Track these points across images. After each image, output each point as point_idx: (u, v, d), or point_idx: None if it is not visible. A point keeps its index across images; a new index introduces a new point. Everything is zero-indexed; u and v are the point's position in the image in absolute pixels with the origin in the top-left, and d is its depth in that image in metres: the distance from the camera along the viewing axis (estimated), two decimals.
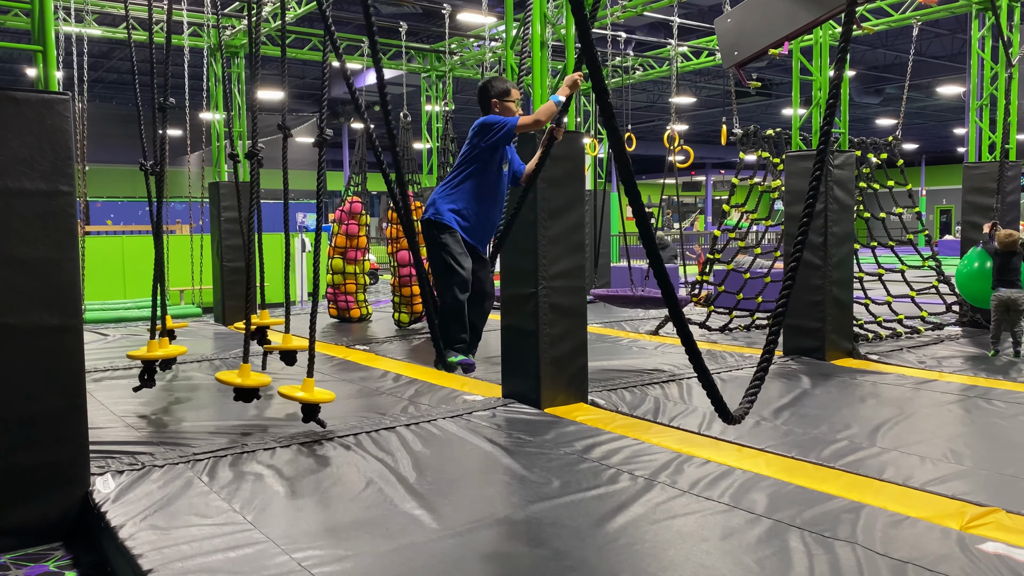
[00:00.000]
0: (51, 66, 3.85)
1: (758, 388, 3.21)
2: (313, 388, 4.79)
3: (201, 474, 4.12)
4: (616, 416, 5.42)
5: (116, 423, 5.19)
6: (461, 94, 19.59)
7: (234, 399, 5.04)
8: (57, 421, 3.75)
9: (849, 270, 7.62)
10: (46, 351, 3.72)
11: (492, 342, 8.21)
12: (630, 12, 10.38)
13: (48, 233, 3.71)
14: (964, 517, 3.52)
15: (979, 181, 8.96)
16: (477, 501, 3.83)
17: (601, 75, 2.13)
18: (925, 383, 6.35)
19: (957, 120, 27.48)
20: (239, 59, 11.22)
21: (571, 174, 5.77)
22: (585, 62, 2.18)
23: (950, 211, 35.01)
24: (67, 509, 3.78)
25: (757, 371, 3.19)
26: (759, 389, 3.20)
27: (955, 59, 18.59)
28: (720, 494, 3.83)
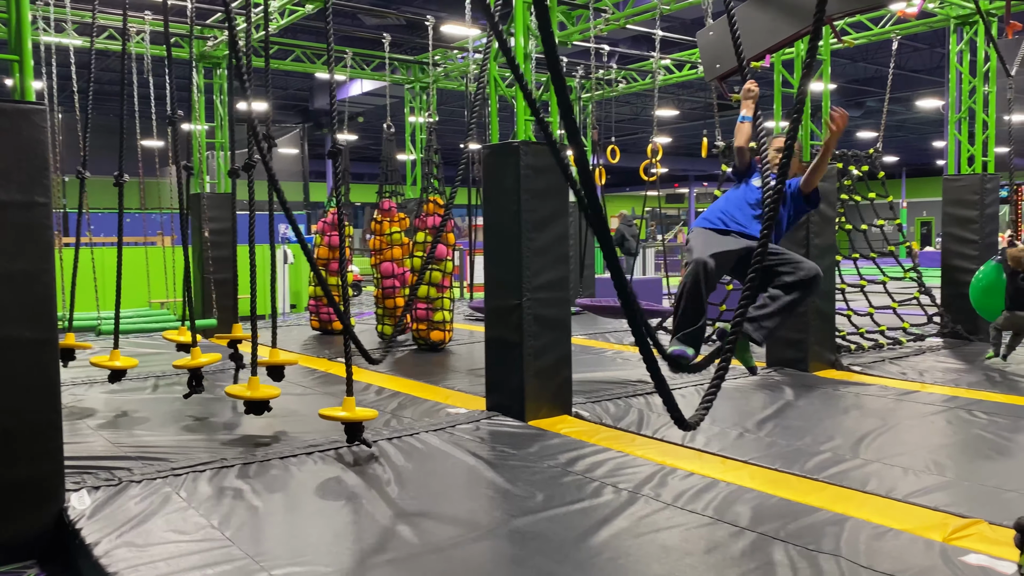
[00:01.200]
0: (27, 76, 3.80)
1: (714, 394, 3.34)
2: (354, 407, 4.68)
3: (179, 489, 4.06)
4: (600, 428, 5.40)
5: (94, 437, 5.12)
6: (445, 105, 19.61)
7: (245, 412, 5.06)
8: (32, 436, 3.68)
9: (831, 282, 7.66)
10: (21, 365, 3.65)
11: (476, 354, 8.18)
12: (613, 25, 10.42)
13: (24, 246, 3.65)
14: (947, 529, 3.52)
15: (959, 193, 9.04)
16: (460, 516, 3.80)
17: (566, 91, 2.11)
18: (908, 394, 6.38)
19: (936, 133, 27.81)
20: (221, 70, 11.17)
21: (555, 186, 5.76)
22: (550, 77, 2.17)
23: (930, 223, 35.35)
24: (42, 526, 3.71)
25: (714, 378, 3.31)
26: (715, 395, 3.34)
27: (934, 72, 18.83)
28: (704, 507, 3.82)
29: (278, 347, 6.15)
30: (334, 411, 4.71)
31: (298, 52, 12.52)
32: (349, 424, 4.64)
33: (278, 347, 6.15)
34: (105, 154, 6.53)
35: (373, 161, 31.59)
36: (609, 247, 2.44)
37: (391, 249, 9.50)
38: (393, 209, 9.68)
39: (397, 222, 9.63)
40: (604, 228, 2.43)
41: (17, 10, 3.81)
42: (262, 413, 5.10)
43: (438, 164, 9.37)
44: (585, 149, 2.25)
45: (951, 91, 9.46)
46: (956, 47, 9.28)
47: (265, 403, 5.07)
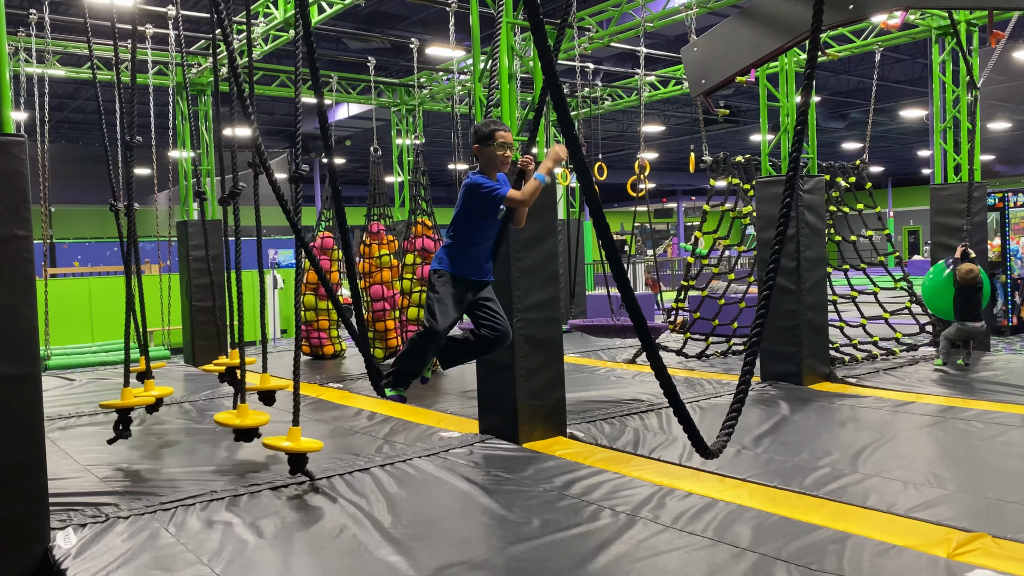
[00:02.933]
0: (6, 108, 3.74)
1: (735, 420, 3.18)
2: (299, 437, 4.56)
3: (168, 524, 3.97)
4: (596, 449, 5.33)
5: (80, 473, 5.02)
6: (432, 127, 19.63)
7: (235, 439, 4.98)
8: (14, 474, 3.59)
9: (823, 294, 7.64)
10: (2, 402, 3.57)
11: (468, 376, 8.11)
12: (597, 43, 10.46)
13: (3, 279, 3.58)
14: (951, 544, 3.46)
15: (946, 202, 9.06)
16: (455, 544, 3.72)
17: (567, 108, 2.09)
18: (903, 405, 6.34)
19: (921, 142, 28.01)
20: (205, 97, 11.13)
21: (543, 205, 5.72)
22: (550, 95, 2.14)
23: (917, 231, 35.54)
24: (25, 567, 3.61)
25: (733, 403, 3.16)
26: (736, 421, 3.18)
27: (916, 83, 18.97)
28: (704, 528, 3.75)
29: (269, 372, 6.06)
30: (278, 441, 4.57)
31: (283, 77, 12.51)
32: (292, 455, 4.51)
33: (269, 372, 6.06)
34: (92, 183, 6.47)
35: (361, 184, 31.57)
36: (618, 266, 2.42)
37: (380, 272, 9.44)
38: (382, 232, 9.64)
39: (386, 244, 9.58)
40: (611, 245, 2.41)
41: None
42: (252, 440, 5.01)
43: (426, 186, 9.34)
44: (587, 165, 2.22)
45: (935, 101, 9.51)
46: (939, 57, 9.34)
47: (255, 431, 4.98)
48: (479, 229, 3.86)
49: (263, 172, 4.64)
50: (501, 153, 3.87)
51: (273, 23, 9.18)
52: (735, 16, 6.23)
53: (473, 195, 3.82)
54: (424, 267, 8.94)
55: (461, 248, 3.86)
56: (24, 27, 8.87)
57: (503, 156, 3.88)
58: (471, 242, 3.86)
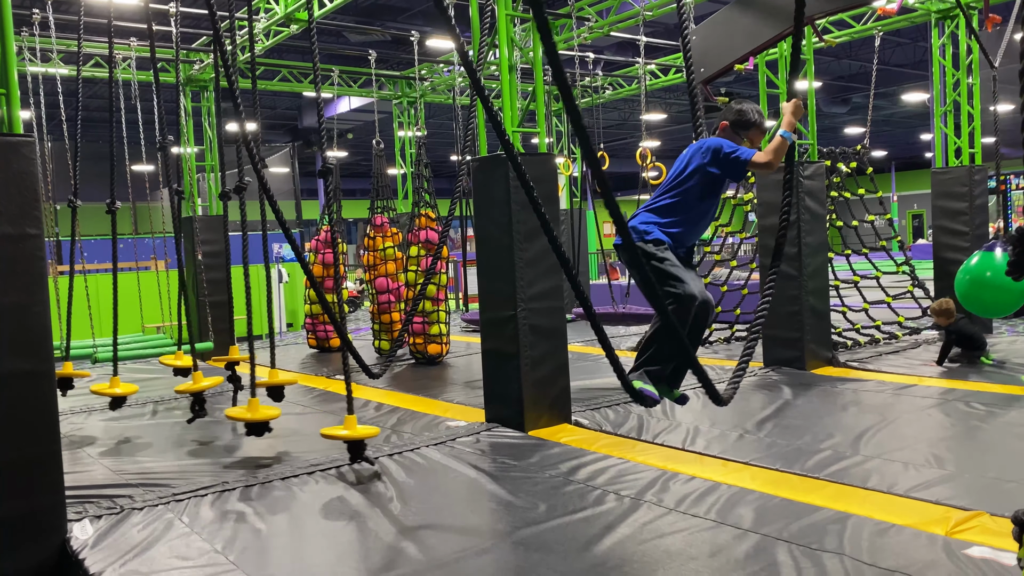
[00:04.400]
0: (15, 108, 3.81)
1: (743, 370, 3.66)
2: (356, 425, 4.61)
3: (181, 515, 4.05)
4: (600, 435, 5.40)
5: (95, 465, 5.11)
6: (433, 119, 19.65)
7: (246, 434, 5.05)
8: (31, 469, 3.67)
9: (825, 279, 7.69)
10: (18, 398, 3.64)
11: (474, 366, 8.18)
12: (597, 33, 10.48)
13: (16, 278, 3.64)
14: (949, 522, 3.53)
15: (948, 186, 9.08)
16: (463, 530, 3.80)
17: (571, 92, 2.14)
18: (905, 388, 6.40)
19: (923, 126, 27.92)
20: (208, 93, 11.19)
21: (545, 195, 5.78)
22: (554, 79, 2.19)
23: (921, 215, 35.48)
24: (44, 559, 3.69)
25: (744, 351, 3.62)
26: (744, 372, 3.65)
27: (917, 67, 18.93)
28: (707, 510, 3.82)
29: (276, 367, 6.14)
30: (335, 430, 4.70)
31: (285, 72, 12.56)
32: (352, 442, 4.62)
33: (276, 367, 6.14)
34: (96, 181, 6.53)
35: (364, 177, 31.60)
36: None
37: (385, 264, 9.52)
38: (386, 224, 9.70)
39: (390, 237, 9.65)
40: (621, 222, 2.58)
41: (2, 43, 3.81)
42: (263, 434, 5.09)
43: (428, 178, 9.40)
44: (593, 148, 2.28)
45: (935, 85, 9.52)
46: (938, 41, 9.35)
47: (265, 424, 5.07)
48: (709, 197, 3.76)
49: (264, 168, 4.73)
50: (746, 145, 3.82)
51: (274, 18, 9.22)
52: (733, 4, 6.27)
53: (714, 158, 3.67)
54: (428, 259, 9.00)
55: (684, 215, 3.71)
56: (27, 26, 8.92)
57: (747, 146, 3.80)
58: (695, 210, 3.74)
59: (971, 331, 7.31)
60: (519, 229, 5.59)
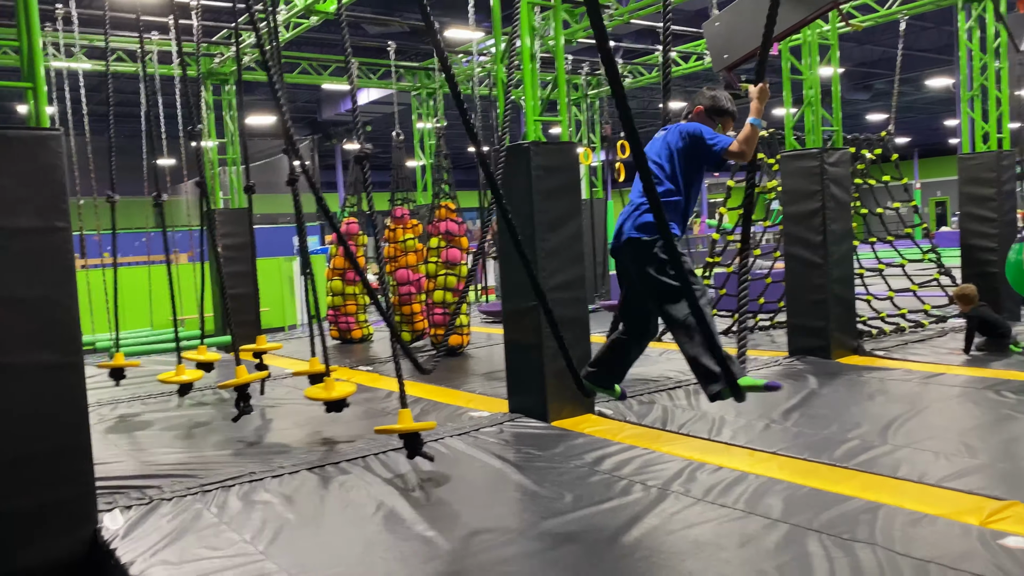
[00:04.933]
0: (42, 102, 3.83)
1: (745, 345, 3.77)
2: (411, 419, 4.49)
3: (210, 505, 4.08)
4: (624, 426, 5.38)
5: (123, 457, 5.15)
6: (452, 110, 19.61)
7: (326, 411, 5.17)
8: (62, 460, 3.71)
9: (850, 267, 7.60)
10: (48, 390, 3.68)
11: (495, 357, 8.17)
12: (617, 20, 10.40)
13: (45, 271, 3.68)
14: (983, 512, 3.48)
15: (975, 172, 8.94)
16: (489, 520, 3.79)
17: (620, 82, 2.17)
18: (933, 377, 6.32)
19: (947, 112, 27.55)
20: (229, 86, 11.23)
21: (567, 185, 5.75)
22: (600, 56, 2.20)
23: (945, 203, 35.04)
24: (76, 548, 3.73)
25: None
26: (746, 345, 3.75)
27: (942, 51, 18.66)
28: (735, 500, 3.79)
29: (297, 358, 6.16)
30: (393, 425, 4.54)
31: (304, 64, 12.57)
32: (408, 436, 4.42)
33: (297, 358, 6.16)
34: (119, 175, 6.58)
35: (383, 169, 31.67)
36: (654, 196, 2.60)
37: (406, 256, 9.52)
38: (406, 216, 9.70)
39: (410, 228, 9.65)
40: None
41: (29, 38, 3.84)
42: (341, 411, 5.23)
43: (448, 169, 9.38)
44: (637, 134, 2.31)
45: (962, 69, 9.37)
46: (965, 24, 9.19)
47: (343, 401, 5.18)
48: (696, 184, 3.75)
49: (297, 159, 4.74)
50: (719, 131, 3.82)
51: (294, 10, 9.22)
52: None
53: (696, 144, 3.67)
54: (449, 250, 9.00)
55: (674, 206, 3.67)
56: (51, 21, 8.99)
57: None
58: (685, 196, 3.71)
59: (992, 318, 7.21)
60: (541, 219, 5.56)
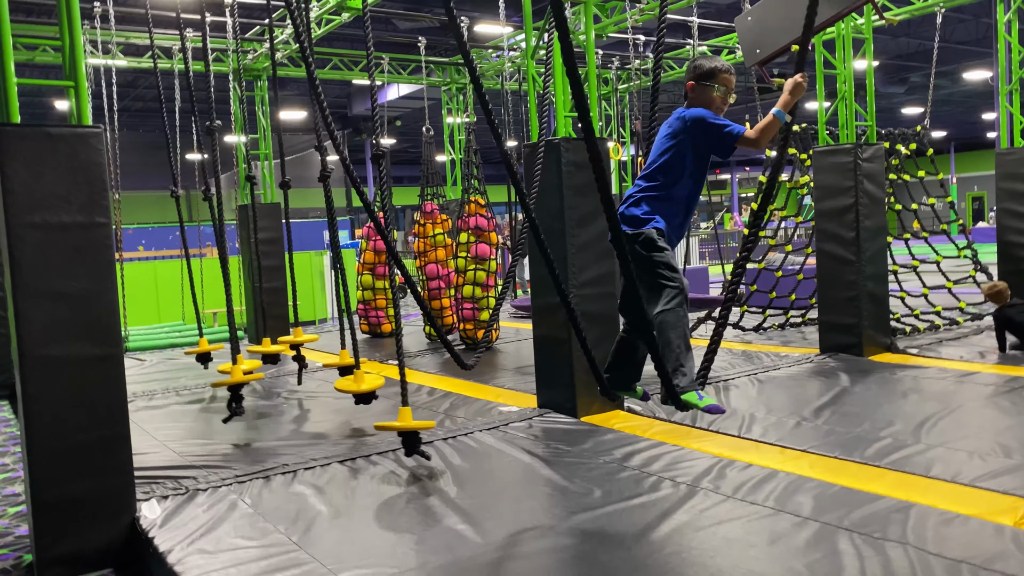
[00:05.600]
0: (83, 100, 3.92)
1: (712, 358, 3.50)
2: (411, 417, 4.53)
3: (244, 496, 4.15)
4: (654, 422, 5.38)
5: (159, 448, 5.26)
6: None
7: (355, 403, 5.28)
8: (102, 450, 3.80)
9: (883, 264, 7.51)
10: (89, 381, 3.77)
11: (524, 351, 8.20)
12: (648, 15, 10.35)
13: (86, 265, 3.77)
14: (1018, 513, 3.44)
15: (1013, 167, 8.78)
16: (519, 514, 3.82)
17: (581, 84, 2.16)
18: (968, 375, 6.24)
19: (985, 105, 27.02)
20: (262, 82, 11.35)
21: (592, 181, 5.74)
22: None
23: (982, 198, 34.42)
24: (115, 536, 3.83)
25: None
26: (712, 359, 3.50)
27: (981, 43, 18.30)
28: (765, 498, 3.79)
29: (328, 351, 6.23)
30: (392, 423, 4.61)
31: (336, 60, 12.67)
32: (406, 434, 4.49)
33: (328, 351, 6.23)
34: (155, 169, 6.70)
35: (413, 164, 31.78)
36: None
37: (435, 251, 9.57)
38: (435, 211, 9.75)
39: (440, 224, 9.70)
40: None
41: (70, 36, 3.92)
42: (370, 403, 5.35)
43: (478, 164, 9.41)
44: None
45: (1000, 62, 9.20)
46: (1004, 17, 9.02)
47: (372, 394, 5.30)
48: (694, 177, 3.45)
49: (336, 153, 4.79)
50: (719, 97, 3.47)
51: (326, 7, 9.30)
52: None
53: (696, 131, 3.37)
54: (478, 245, 9.04)
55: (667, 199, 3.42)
56: (89, 19, 9.15)
57: (720, 101, 3.47)
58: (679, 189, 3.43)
59: (1019, 319, 7.07)
60: (571, 215, 5.57)
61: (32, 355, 3.65)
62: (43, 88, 18.39)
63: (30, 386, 3.66)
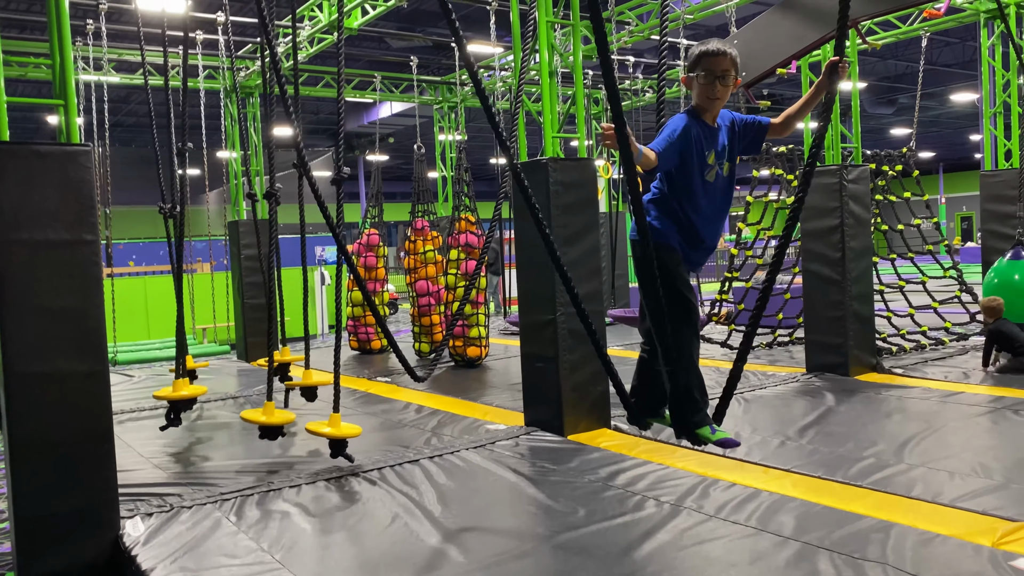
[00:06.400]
0: (72, 118, 3.95)
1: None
2: (340, 423, 4.82)
3: (229, 514, 4.15)
4: (640, 441, 5.40)
5: (144, 465, 5.25)
6: (473, 123, 19.76)
7: (259, 437, 5.08)
8: (86, 467, 3.80)
9: (869, 284, 7.58)
10: (74, 397, 3.78)
11: (512, 369, 8.22)
12: (637, 37, 10.47)
13: (73, 282, 3.78)
14: (996, 533, 3.47)
15: (997, 189, 8.90)
16: (503, 533, 3.83)
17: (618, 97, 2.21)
18: (952, 396, 6.28)
19: (973, 126, 27.35)
20: (254, 99, 11.40)
21: (584, 200, 5.81)
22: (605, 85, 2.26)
23: (971, 218, 34.71)
24: (98, 553, 3.82)
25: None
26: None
27: (966, 66, 18.55)
28: (747, 517, 3.81)
29: (316, 368, 6.25)
30: (319, 426, 4.89)
31: (327, 78, 12.74)
32: (333, 440, 4.81)
33: (316, 368, 6.25)
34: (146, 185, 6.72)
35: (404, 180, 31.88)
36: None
37: (425, 267, 9.60)
38: (426, 228, 9.79)
39: (430, 240, 9.74)
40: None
41: (61, 56, 3.96)
42: (276, 438, 5.10)
43: (469, 182, 9.46)
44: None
45: (984, 86, 9.34)
46: (987, 41, 9.17)
47: (279, 428, 5.07)
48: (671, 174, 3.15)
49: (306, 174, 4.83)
50: (705, 86, 3.07)
51: (318, 26, 9.37)
52: (775, 7, 6.23)
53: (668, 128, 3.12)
54: (468, 262, 9.08)
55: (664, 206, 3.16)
56: (81, 36, 9.20)
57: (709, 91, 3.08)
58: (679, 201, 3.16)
59: (1012, 332, 7.15)
60: (559, 233, 5.61)
61: (18, 372, 3.66)
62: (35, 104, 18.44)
63: (15, 402, 3.66)
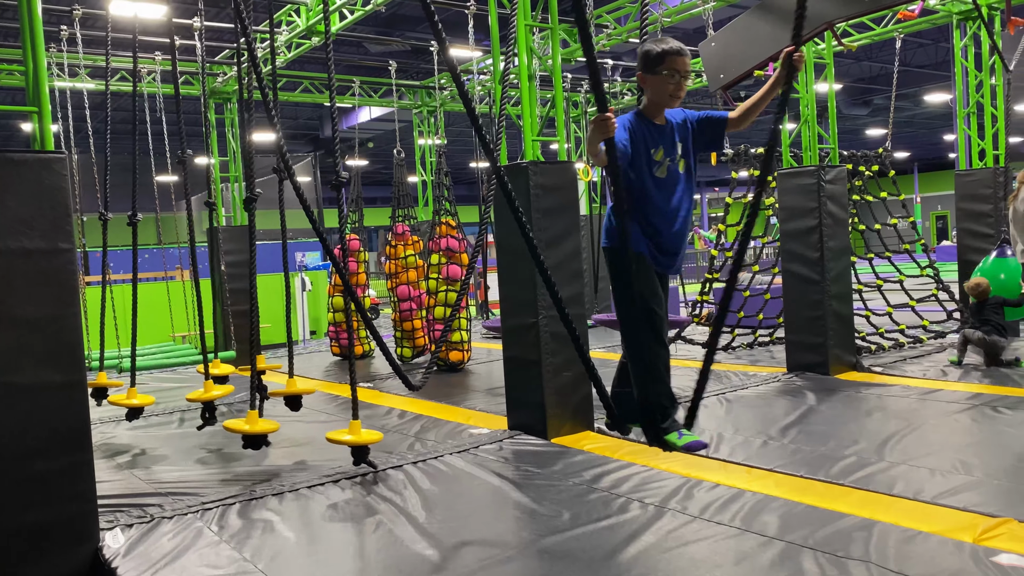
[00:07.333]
0: (47, 126, 3.89)
1: None
2: (360, 430, 4.83)
3: (211, 524, 4.11)
4: (623, 443, 5.40)
5: (124, 475, 5.18)
6: (452, 127, 19.74)
7: (243, 447, 5.04)
8: (64, 478, 3.74)
9: (848, 283, 7.64)
10: (51, 408, 3.71)
11: (495, 373, 8.21)
12: (615, 40, 10.51)
13: (49, 291, 3.72)
14: (977, 529, 3.50)
15: (972, 188, 9.01)
16: (488, 538, 3.82)
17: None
18: (931, 393, 6.35)
19: (947, 127, 27.68)
20: (231, 104, 11.33)
21: (566, 203, 5.81)
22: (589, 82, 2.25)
23: (946, 217, 35.12)
24: (77, 566, 3.75)
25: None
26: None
27: (940, 67, 18.78)
28: (731, 518, 3.82)
29: (298, 375, 6.21)
30: (340, 434, 4.87)
31: (307, 83, 12.69)
32: (355, 447, 4.78)
33: (298, 375, 6.21)
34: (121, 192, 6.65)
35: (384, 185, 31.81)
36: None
37: (407, 272, 9.58)
38: (407, 232, 9.77)
39: (411, 245, 9.71)
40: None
41: (34, 61, 3.90)
42: (259, 448, 5.05)
43: (449, 186, 9.45)
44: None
45: (958, 86, 9.45)
46: (960, 43, 9.28)
47: (263, 437, 5.04)
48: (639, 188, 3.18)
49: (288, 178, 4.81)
50: (668, 84, 3.12)
51: (296, 31, 9.33)
52: (752, 10, 6.27)
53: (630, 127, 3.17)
54: (450, 267, 9.06)
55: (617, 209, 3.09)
56: (55, 42, 9.09)
57: (674, 87, 3.14)
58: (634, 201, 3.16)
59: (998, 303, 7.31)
60: (540, 236, 5.61)
61: None
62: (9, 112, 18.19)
63: None
